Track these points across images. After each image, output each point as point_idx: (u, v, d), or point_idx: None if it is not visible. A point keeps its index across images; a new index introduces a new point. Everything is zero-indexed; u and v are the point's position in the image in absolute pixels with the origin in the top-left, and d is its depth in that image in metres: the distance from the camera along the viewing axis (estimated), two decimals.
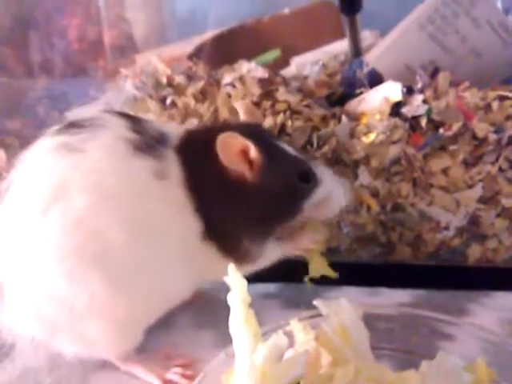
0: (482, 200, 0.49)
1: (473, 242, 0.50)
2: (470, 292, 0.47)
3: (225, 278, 0.30)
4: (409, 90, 0.49)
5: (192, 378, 0.37)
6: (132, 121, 0.39)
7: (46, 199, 0.35)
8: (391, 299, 0.47)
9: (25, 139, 0.41)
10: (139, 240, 0.36)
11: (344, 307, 0.34)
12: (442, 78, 0.51)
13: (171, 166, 0.38)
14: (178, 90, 0.55)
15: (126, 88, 0.58)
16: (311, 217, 0.42)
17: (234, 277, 0.30)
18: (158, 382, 0.39)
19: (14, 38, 0.71)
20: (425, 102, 0.48)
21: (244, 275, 0.31)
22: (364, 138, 0.49)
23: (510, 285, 0.48)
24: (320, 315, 0.35)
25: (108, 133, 0.38)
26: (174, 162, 0.38)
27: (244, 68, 0.55)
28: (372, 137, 0.48)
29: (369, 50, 0.59)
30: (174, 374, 0.39)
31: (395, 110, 0.49)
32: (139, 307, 0.38)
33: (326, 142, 0.49)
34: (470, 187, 0.48)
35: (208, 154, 0.38)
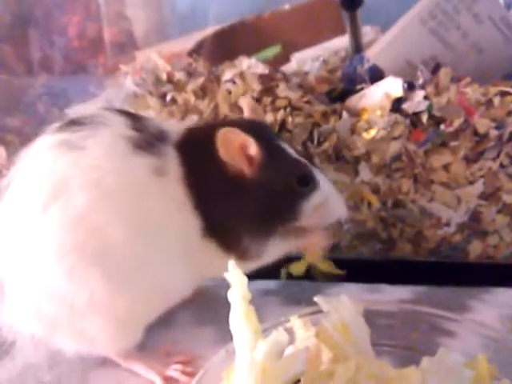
0: (483, 196, 0.48)
1: (474, 238, 0.50)
2: (471, 288, 0.47)
3: (225, 274, 0.30)
4: (410, 86, 0.49)
5: (192, 375, 0.36)
6: (132, 119, 0.39)
7: (47, 196, 0.35)
8: (392, 296, 0.47)
9: (25, 136, 0.41)
10: (139, 237, 0.36)
11: (344, 304, 0.34)
12: (443, 74, 0.50)
13: (171, 162, 0.38)
14: (178, 86, 0.55)
15: (126, 85, 0.58)
16: (311, 222, 0.41)
17: (235, 273, 0.30)
18: (158, 379, 0.39)
19: (14, 36, 0.71)
20: (426, 97, 0.48)
21: (245, 272, 0.30)
22: (365, 134, 0.48)
23: (510, 281, 0.48)
24: (320, 312, 0.35)
25: (108, 130, 0.38)
26: (173, 159, 0.38)
27: (244, 64, 0.55)
28: (373, 133, 0.48)
29: (369, 45, 0.58)
30: (175, 371, 0.39)
31: (396, 105, 0.48)
32: (139, 304, 0.38)
33: (326, 138, 0.49)
34: (471, 183, 0.48)
35: (207, 150, 0.38)
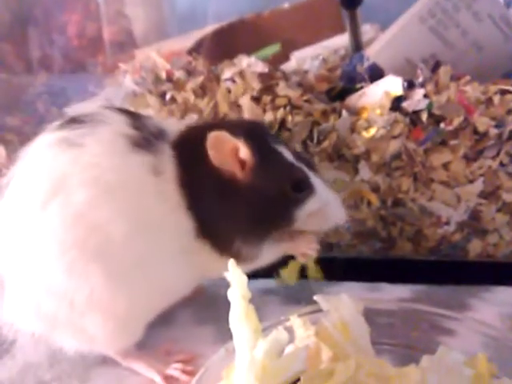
0: (483, 195, 0.48)
1: (473, 236, 0.50)
2: (471, 287, 0.47)
3: (225, 273, 0.30)
4: (409, 85, 0.49)
5: (192, 374, 0.37)
6: (132, 117, 0.39)
7: (46, 193, 0.36)
8: (392, 294, 0.47)
9: (25, 136, 0.41)
10: (137, 235, 0.36)
11: (344, 302, 0.34)
12: (443, 72, 0.50)
13: (167, 161, 0.38)
14: (178, 85, 0.55)
15: (126, 83, 0.58)
16: (307, 228, 0.41)
17: (234, 272, 0.30)
18: (158, 378, 0.39)
19: (14, 35, 0.71)
20: (426, 96, 0.48)
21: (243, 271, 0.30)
22: (364, 133, 0.48)
23: (510, 279, 0.48)
24: (320, 311, 0.35)
25: (108, 128, 0.38)
26: (169, 158, 0.38)
27: (244, 63, 0.55)
28: (372, 131, 0.48)
29: (369, 44, 0.58)
30: (175, 370, 0.39)
31: (396, 104, 0.48)
32: (139, 302, 0.38)
33: (326, 136, 0.49)
34: (471, 182, 0.48)
35: (201, 151, 0.37)
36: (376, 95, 0.50)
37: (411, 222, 0.50)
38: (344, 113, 0.49)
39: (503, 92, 0.49)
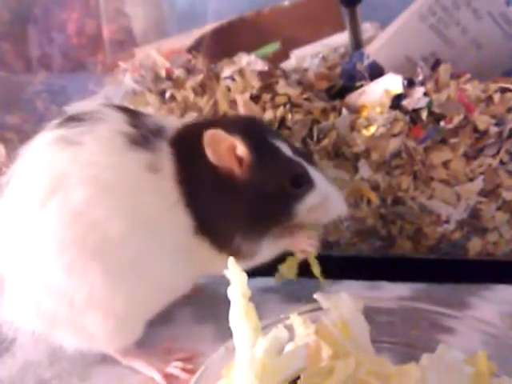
0: (483, 193, 0.48)
1: (473, 235, 0.50)
2: (471, 285, 0.47)
3: (224, 271, 0.30)
4: (409, 83, 0.49)
5: (192, 372, 0.37)
6: (131, 115, 0.39)
7: (45, 191, 0.35)
8: (391, 293, 0.47)
9: (24, 134, 0.41)
10: (136, 233, 0.36)
11: (344, 301, 0.34)
12: (443, 70, 0.50)
13: (165, 158, 0.38)
14: (177, 83, 0.55)
15: (125, 82, 0.58)
16: (308, 221, 0.41)
17: (234, 271, 0.30)
18: (158, 376, 0.39)
19: (13, 33, 0.71)
20: (425, 94, 0.48)
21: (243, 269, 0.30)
22: (364, 131, 0.48)
23: (510, 278, 0.48)
24: (320, 309, 0.35)
25: (106, 126, 0.38)
26: (167, 155, 0.38)
27: (244, 61, 0.55)
28: (372, 130, 0.48)
29: (369, 42, 0.58)
30: (175, 368, 0.39)
31: (396, 102, 0.48)
32: (138, 300, 0.38)
33: (326, 135, 0.49)
34: (471, 180, 0.48)
35: (199, 148, 0.37)
36: (376, 93, 0.50)
37: (411, 221, 0.50)
38: (344, 111, 0.49)
39: (503, 90, 0.49)
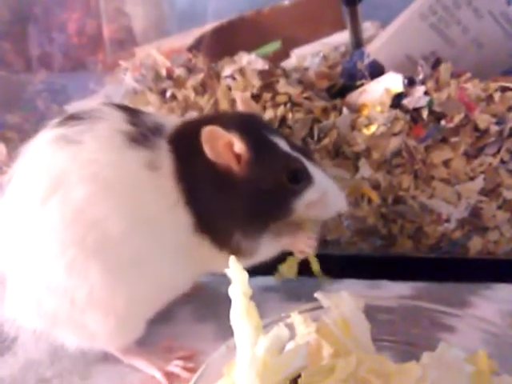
0: (484, 192, 0.48)
1: (474, 234, 0.50)
2: (471, 284, 0.47)
3: (225, 270, 0.30)
4: (410, 82, 0.49)
5: (193, 371, 0.37)
6: (130, 113, 0.39)
7: (45, 190, 0.36)
8: (392, 292, 0.47)
9: (25, 133, 0.41)
10: (136, 231, 0.37)
11: (345, 299, 0.34)
12: (444, 69, 0.50)
13: (164, 156, 0.38)
14: (178, 82, 0.55)
15: (126, 81, 0.58)
16: (307, 217, 0.41)
17: (235, 269, 0.30)
18: (159, 375, 0.39)
19: (14, 32, 0.71)
20: (426, 93, 0.48)
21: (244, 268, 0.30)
22: (365, 130, 0.48)
23: (511, 277, 0.48)
24: (321, 307, 0.35)
25: (105, 125, 0.38)
26: (166, 153, 0.38)
27: (244, 60, 0.55)
28: (373, 129, 0.48)
29: (370, 41, 0.58)
30: (176, 367, 0.39)
31: (396, 101, 0.48)
32: (139, 299, 0.38)
33: (326, 134, 0.49)
34: (472, 179, 0.48)
35: (197, 145, 0.37)
36: (376, 92, 0.50)
37: (412, 220, 0.50)
38: (344, 110, 0.49)
39: (504, 89, 0.49)
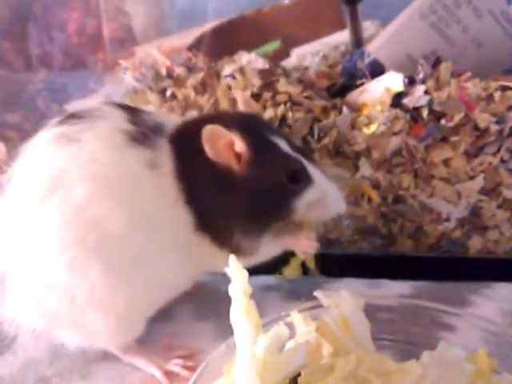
0: (484, 191, 0.48)
1: (474, 233, 0.50)
2: (471, 283, 0.47)
3: (225, 269, 0.30)
4: (410, 81, 0.49)
5: (193, 369, 0.37)
6: (130, 112, 0.39)
7: (46, 189, 0.36)
8: (392, 291, 0.47)
9: (25, 132, 0.41)
10: (136, 230, 0.37)
11: (345, 298, 0.34)
12: (444, 69, 0.50)
13: (164, 155, 0.38)
14: (178, 81, 0.55)
15: (126, 80, 0.58)
16: (307, 218, 0.41)
17: (235, 268, 0.30)
18: (159, 374, 0.39)
19: (14, 32, 0.71)
20: (426, 92, 0.48)
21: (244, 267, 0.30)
22: (365, 129, 0.48)
23: (510, 276, 0.48)
24: (321, 306, 0.35)
25: (106, 124, 0.38)
26: (166, 152, 0.38)
27: (244, 59, 0.55)
28: (373, 128, 0.48)
29: (370, 40, 0.58)
30: (175, 366, 0.39)
31: (396, 100, 0.48)
32: (139, 297, 0.38)
33: (326, 133, 0.49)
34: (472, 178, 0.48)
35: (198, 144, 0.37)
36: (377, 91, 0.50)
37: (412, 219, 0.50)
38: (344, 109, 0.49)
39: (504, 88, 0.49)
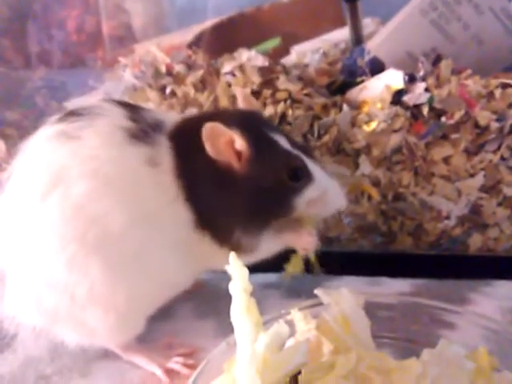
0: (484, 189, 0.48)
1: (474, 231, 0.50)
2: (471, 281, 0.47)
3: (226, 267, 0.30)
4: (411, 78, 0.49)
5: (193, 367, 0.37)
6: (130, 109, 0.39)
7: (46, 186, 0.36)
8: (392, 289, 0.47)
9: (24, 130, 0.41)
10: (136, 227, 0.36)
11: (345, 296, 0.34)
12: (444, 66, 0.50)
13: (164, 153, 0.38)
14: (178, 79, 0.55)
15: (125, 77, 0.58)
16: (308, 215, 0.40)
17: (235, 266, 0.30)
18: (159, 372, 0.39)
19: (13, 29, 0.71)
20: (427, 90, 0.48)
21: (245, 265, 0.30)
22: (365, 127, 0.48)
23: (511, 274, 0.48)
24: (321, 304, 0.35)
25: (106, 121, 0.38)
26: (166, 149, 0.38)
27: (244, 56, 0.54)
28: (373, 125, 0.48)
29: (370, 37, 0.58)
30: (176, 364, 0.39)
31: (397, 98, 0.48)
32: (139, 295, 0.38)
33: (327, 130, 0.49)
34: (472, 176, 0.48)
35: (198, 142, 0.37)
36: (377, 89, 0.50)
37: (412, 217, 0.50)
38: (345, 107, 0.49)
39: (504, 86, 0.49)
